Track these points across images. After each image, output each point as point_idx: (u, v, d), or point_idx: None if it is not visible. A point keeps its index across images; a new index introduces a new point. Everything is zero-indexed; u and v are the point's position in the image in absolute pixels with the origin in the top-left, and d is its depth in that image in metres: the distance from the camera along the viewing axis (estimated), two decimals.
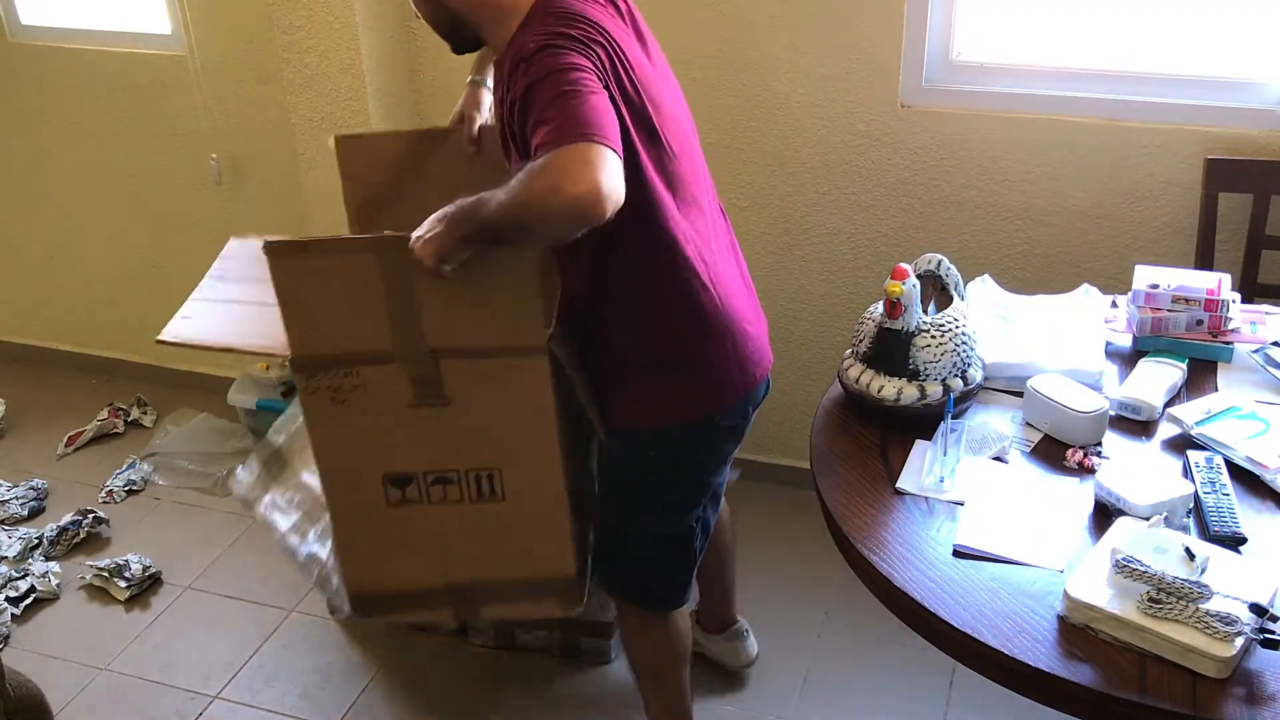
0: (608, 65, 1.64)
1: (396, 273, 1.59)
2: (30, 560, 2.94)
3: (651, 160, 1.71)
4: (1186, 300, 1.97)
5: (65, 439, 3.47)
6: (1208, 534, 1.54)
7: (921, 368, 1.80)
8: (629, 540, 1.99)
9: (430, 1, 1.77)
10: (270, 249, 1.61)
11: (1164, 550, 1.44)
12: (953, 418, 1.74)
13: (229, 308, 1.92)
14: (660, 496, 1.94)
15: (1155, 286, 1.99)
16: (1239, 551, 1.52)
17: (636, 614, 2.08)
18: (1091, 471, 1.69)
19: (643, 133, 1.70)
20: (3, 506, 3.15)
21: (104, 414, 3.56)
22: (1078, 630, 1.41)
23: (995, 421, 1.84)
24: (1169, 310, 1.98)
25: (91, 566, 2.90)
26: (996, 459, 1.75)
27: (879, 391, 1.81)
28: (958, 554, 1.56)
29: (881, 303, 1.84)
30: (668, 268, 1.76)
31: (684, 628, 2.09)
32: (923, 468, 1.72)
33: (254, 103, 3.23)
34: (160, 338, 1.94)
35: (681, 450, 1.89)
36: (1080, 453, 1.74)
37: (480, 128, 2.11)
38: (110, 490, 3.23)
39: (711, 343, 1.81)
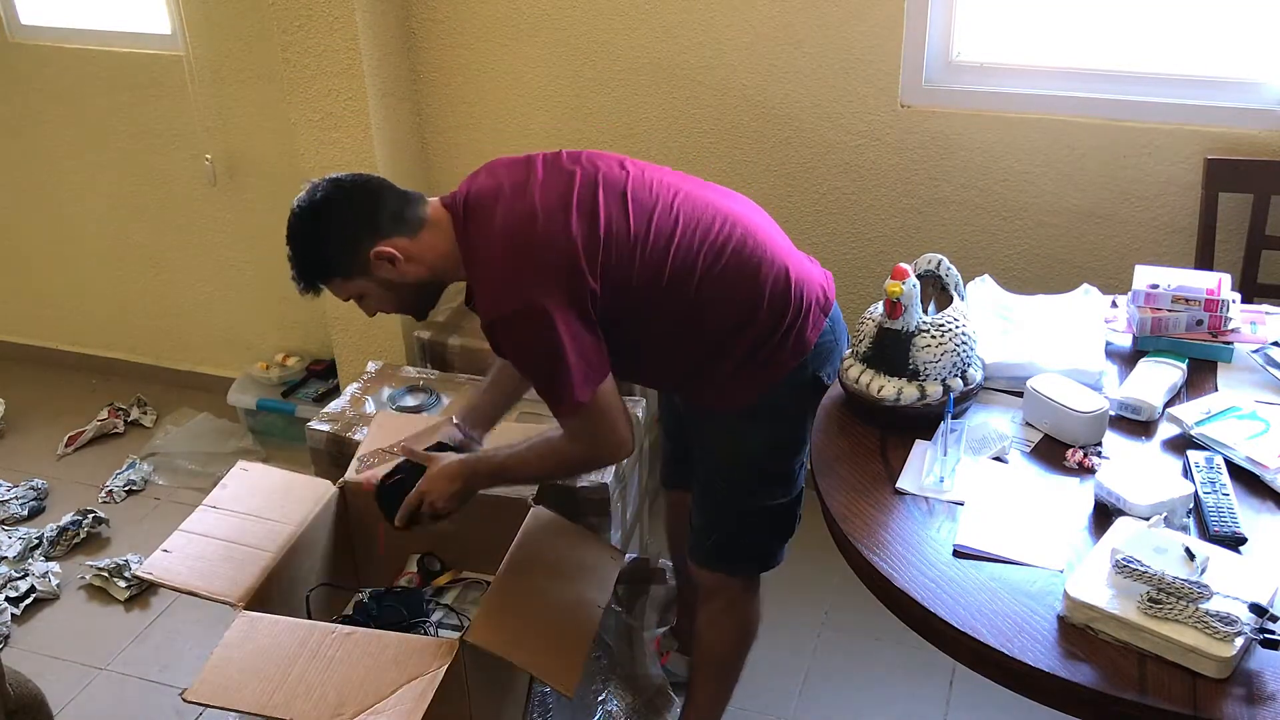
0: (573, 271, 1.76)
1: None
2: (30, 560, 2.94)
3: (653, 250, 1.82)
4: (1186, 300, 1.97)
5: (65, 439, 3.47)
6: (1208, 534, 1.54)
7: (921, 368, 1.80)
8: (747, 517, 2.02)
9: (390, 292, 1.88)
10: None
11: (1164, 550, 1.44)
12: (953, 418, 1.74)
13: (206, 544, 2.08)
14: (779, 466, 1.98)
15: (1155, 286, 1.99)
16: (1239, 551, 1.51)
17: (730, 594, 2.10)
18: (1091, 471, 1.69)
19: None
20: (3, 506, 3.15)
21: (104, 414, 3.56)
22: (1078, 630, 1.41)
23: (995, 421, 1.84)
24: (1169, 310, 1.98)
25: (91, 566, 2.90)
26: (996, 459, 1.75)
27: (879, 391, 1.81)
28: (958, 554, 1.56)
29: (881, 303, 1.84)
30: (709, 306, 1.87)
31: (759, 612, 2.15)
32: (923, 468, 1.72)
33: (253, 103, 3.23)
34: (138, 573, 2.40)
35: (792, 405, 1.94)
36: (1080, 453, 1.73)
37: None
38: (110, 490, 3.23)
39: (801, 307, 1.89)
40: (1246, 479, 1.66)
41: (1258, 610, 1.35)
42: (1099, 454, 1.73)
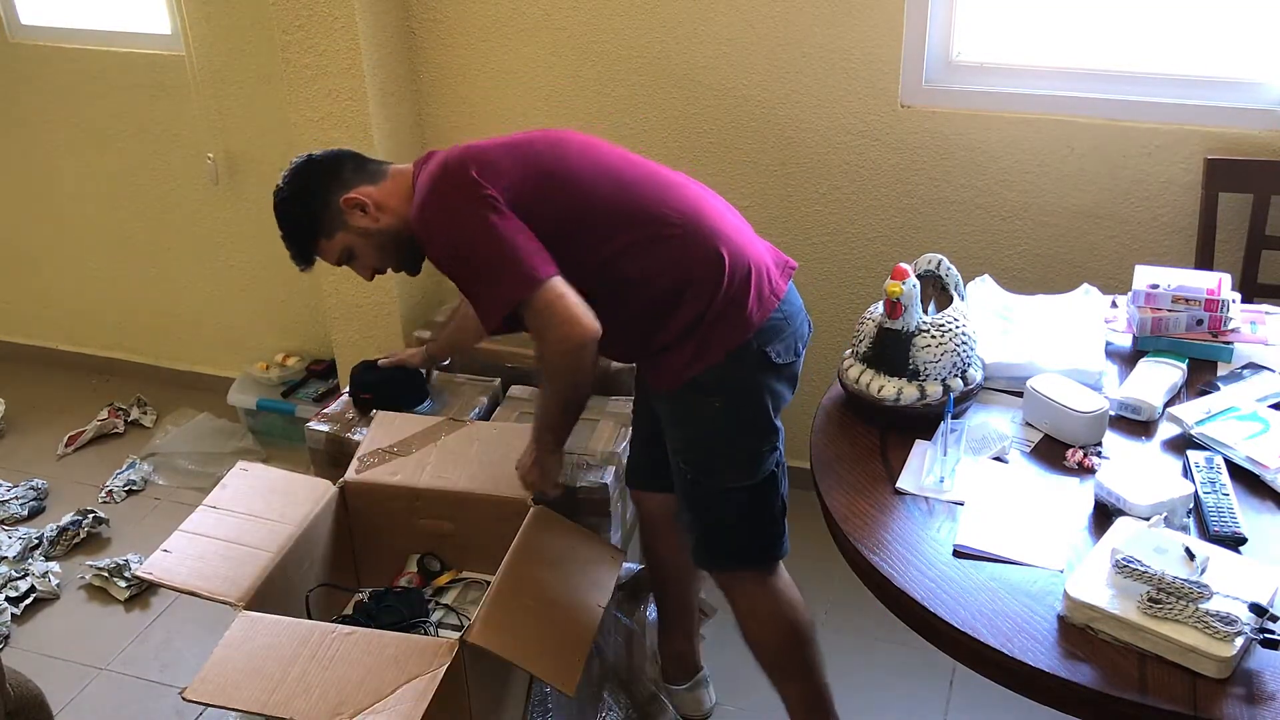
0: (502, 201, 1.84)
1: None
2: (30, 560, 2.94)
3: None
4: (1186, 300, 1.97)
5: (65, 439, 3.47)
6: (1208, 534, 1.54)
7: (921, 368, 1.80)
8: (715, 503, 1.99)
9: (369, 241, 1.98)
10: None
11: (1164, 550, 1.44)
12: (953, 418, 1.74)
13: (207, 545, 2.09)
14: (737, 446, 1.95)
15: (1155, 286, 1.99)
16: (1239, 551, 1.52)
17: (743, 590, 2.05)
18: (1091, 471, 1.69)
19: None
20: (3, 506, 3.15)
21: (104, 414, 3.56)
22: (1078, 630, 1.41)
23: (995, 421, 1.84)
24: (1169, 310, 1.98)
25: (91, 566, 2.90)
26: (996, 459, 1.75)
27: (879, 391, 1.81)
28: (958, 554, 1.56)
29: (881, 303, 1.84)
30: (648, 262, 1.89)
31: (794, 598, 2.07)
32: (923, 468, 1.72)
33: (253, 103, 3.23)
34: (138, 573, 2.33)
35: (744, 386, 1.92)
36: (1080, 453, 1.74)
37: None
38: (110, 490, 3.23)
39: (734, 283, 1.89)
40: (1246, 479, 1.66)
41: (1258, 610, 1.35)
42: (1099, 454, 1.74)
